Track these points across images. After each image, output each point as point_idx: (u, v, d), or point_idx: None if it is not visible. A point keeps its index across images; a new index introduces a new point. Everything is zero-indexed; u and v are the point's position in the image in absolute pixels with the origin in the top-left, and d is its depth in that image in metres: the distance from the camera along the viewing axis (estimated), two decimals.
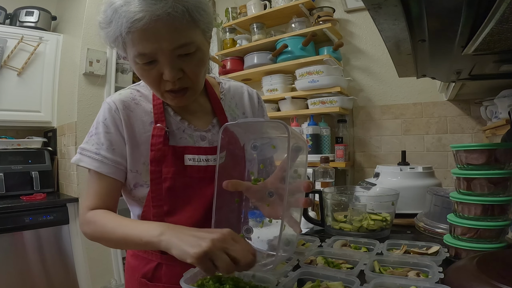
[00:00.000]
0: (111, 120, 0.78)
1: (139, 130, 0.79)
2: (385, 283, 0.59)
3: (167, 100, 0.76)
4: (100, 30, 0.69)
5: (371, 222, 1.01)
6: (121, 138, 0.78)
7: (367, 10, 0.52)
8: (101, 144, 0.77)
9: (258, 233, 0.74)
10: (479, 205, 0.72)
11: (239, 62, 2.45)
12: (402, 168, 1.34)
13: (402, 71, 0.97)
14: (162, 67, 0.68)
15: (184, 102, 0.76)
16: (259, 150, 0.77)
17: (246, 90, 0.95)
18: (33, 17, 2.62)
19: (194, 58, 0.70)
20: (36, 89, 2.56)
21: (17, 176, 2.37)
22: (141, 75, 0.71)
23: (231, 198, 0.73)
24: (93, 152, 0.77)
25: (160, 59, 0.67)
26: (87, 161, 0.77)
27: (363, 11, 2.15)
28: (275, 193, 0.70)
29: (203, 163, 0.79)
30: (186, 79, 0.71)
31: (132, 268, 0.85)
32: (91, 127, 0.81)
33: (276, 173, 0.71)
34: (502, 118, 1.33)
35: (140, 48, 0.65)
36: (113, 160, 0.77)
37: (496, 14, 0.43)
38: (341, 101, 1.99)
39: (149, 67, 0.68)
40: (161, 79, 0.70)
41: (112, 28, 0.65)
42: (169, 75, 0.67)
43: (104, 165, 0.76)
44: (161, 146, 0.76)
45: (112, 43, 0.69)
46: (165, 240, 0.59)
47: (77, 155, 0.79)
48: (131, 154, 0.78)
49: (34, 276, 2.13)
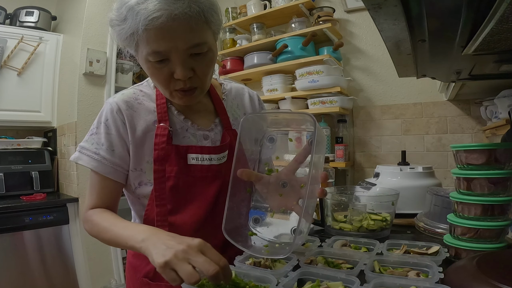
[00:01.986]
0: (112, 121, 0.78)
1: (143, 129, 0.79)
2: (385, 283, 0.59)
3: (174, 99, 0.76)
4: (112, 27, 0.70)
5: (371, 222, 1.01)
6: (122, 140, 0.78)
7: (367, 10, 0.52)
8: (101, 144, 0.78)
9: (268, 223, 0.77)
10: (479, 205, 0.72)
11: (239, 62, 2.45)
12: (402, 168, 1.34)
13: (402, 71, 0.97)
14: (174, 66, 0.69)
15: (191, 101, 0.76)
16: (276, 142, 0.79)
17: (247, 92, 0.96)
18: (33, 17, 2.62)
19: (205, 58, 0.71)
20: (36, 89, 2.56)
21: (17, 176, 2.37)
22: (152, 73, 0.72)
23: (244, 187, 0.75)
24: (92, 152, 0.77)
25: (172, 58, 0.68)
26: (85, 159, 0.78)
27: (363, 11, 2.15)
28: (289, 184, 0.72)
29: (206, 162, 0.80)
30: (196, 79, 0.72)
31: (134, 267, 0.85)
32: (92, 125, 0.81)
33: (291, 165, 0.73)
34: (502, 118, 1.33)
35: (154, 46, 0.65)
36: (111, 162, 0.77)
37: (496, 14, 0.43)
38: (341, 101, 1.99)
39: (160, 65, 0.69)
40: (172, 78, 0.71)
41: (126, 25, 0.65)
42: (181, 74, 0.68)
43: (102, 165, 0.77)
44: (164, 145, 0.77)
45: (123, 41, 0.69)
46: (144, 247, 0.62)
47: (76, 153, 0.80)
48: (135, 153, 0.78)
49: (34, 276, 2.13)
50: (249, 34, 2.45)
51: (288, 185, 0.72)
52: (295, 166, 0.73)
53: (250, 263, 0.72)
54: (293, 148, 1.04)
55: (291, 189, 0.72)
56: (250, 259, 0.74)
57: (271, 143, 0.79)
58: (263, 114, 0.75)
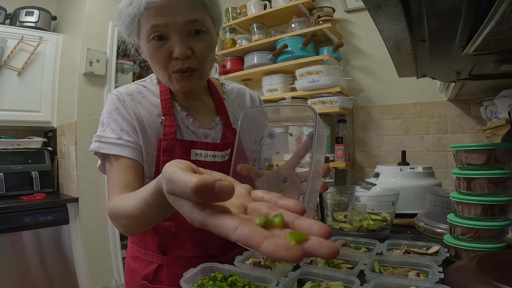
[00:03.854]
0: (122, 107, 0.77)
1: (146, 121, 0.78)
2: (385, 283, 0.59)
3: (173, 83, 0.76)
4: (119, 16, 0.73)
5: (371, 222, 1.01)
6: (133, 124, 0.77)
7: (367, 10, 0.52)
8: (120, 129, 0.75)
9: None
10: (479, 205, 0.72)
11: (239, 62, 2.45)
12: (402, 168, 1.34)
13: (402, 71, 0.97)
14: (173, 44, 0.70)
15: (190, 85, 0.76)
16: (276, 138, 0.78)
17: (248, 93, 0.96)
18: (33, 17, 2.61)
19: (203, 38, 0.73)
20: (36, 89, 2.56)
21: (17, 176, 2.37)
22: (152, 54, 0.72)
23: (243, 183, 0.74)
24: (113, 138, 0.74)
25: (171, 36, 0.70)
26: (107, 147, 0.73)
27: (363, 11, 2.15)
28: (289, 179, 0.71)
29: (210, 159, 0.80)
30: (194, 60, 0.73)
31: (132, 270, 0.84)
32: (100, 120, 0.79)
33: (291, 160, 0.73)
34: (502, 118, 1.33)
35: (153, 21, 0.68)
36: (135, 143, 0.75)
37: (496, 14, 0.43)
38: (341, 101, 1.99)
39: (160, 43, 0.71)
40: (171, 59, 0.72)
41: (131, 8, 0.69)
42: (179, 50, 0.69)
43: (127, 148, 0.73)
44: (174, 136, 0.77)
45: (128, 27, 0.73)
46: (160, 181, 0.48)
47: (95, 143, 0.75)
48: None
49: (34, 276, 2.13)
50: (249, 34, 2.45)
51: (289, 181, 0.72)
52: (296, 161, 0.72)
53: (250, 263, 0.72)
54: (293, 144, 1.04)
55: (292, 185, 0.71)
56: (250, 259, 0.74)
57: (271, 138, 0.79)
58: (263, 109, 0.74)
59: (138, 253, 0.83)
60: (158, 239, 0.80)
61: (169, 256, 0.80)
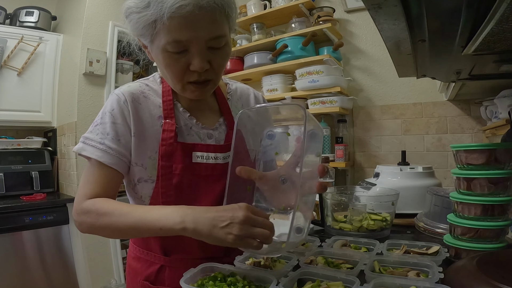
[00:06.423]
0: (119, 111, 0.76)
1: (147, 123, 0.78)
2: (385, 283, 0.59)
3: (186, 92, 0.75)
4: (128, 16, 0.69)
5: (371, 222, 1.01)
6: (128, 130, 0.76)
7: (367, 10, 0.52)
8: (106, 134, 0.75)
9: None
10: (479, 205, 0.72)
11: (239, 62, 2.45)
12: (402, 168, 1.34)
13: (402, 71, 0.97)
14: (192, 57, 0.69)
15: (203, 95, 0.76)
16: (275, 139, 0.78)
17: (252, 92, 0.96)
18: (33, 17, 2.62)
19: (222, 51, 0.72)
20: (36, 89, 2.56)
21: (17, 176, 2.37)
22: (168, 64, 0.70)
23: (243, 185, 0.75)
24: (97, 142, 0.74)
25: (191, 49, 0.68)
26: (90, 150, 0.74)
27: (363, 11, 2.15)
28: (288, 180, 0.71)
29: (212, 161, 0.79)
30: (211, 72, 0.73)
31: (134, 270, 0.84)
32: (96, 117, 0.79)
33: (290, 160, 0.73)
34: (502, 118, 1.33)
35: (176, 35, 0.65)
36: (117, 151, 0.75)
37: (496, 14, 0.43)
38: (341, 101, 1.99)
39: (178, 56, 0.69)
40: (187, 70, 0.71)
41: (149, 13, 0.65)
42: (198, 65, 0.68)
43: (107, 155, 0.74)
44: (172, 141, 0.76)
45: (141, 30, 0.68)
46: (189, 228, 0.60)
47: (80, 144, 0.76)
48: (137, 147, 0.76)
49: (34, 276, 2.13)
50: (249, 34, 2.45)
51: (288, 181, 0.71)
52: (294, 161, 0.72)
53: (250, 263, 0.72)
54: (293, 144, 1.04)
55: (291, 185, 0.71)
56: (250, 259, 0.74)
57: (270, 139, 0.79)
58: (258, 109, 0.74)
59: (140, 254, 0.83)
60: (161, 240, 0.79)
61: (172, 257, 0.79)
